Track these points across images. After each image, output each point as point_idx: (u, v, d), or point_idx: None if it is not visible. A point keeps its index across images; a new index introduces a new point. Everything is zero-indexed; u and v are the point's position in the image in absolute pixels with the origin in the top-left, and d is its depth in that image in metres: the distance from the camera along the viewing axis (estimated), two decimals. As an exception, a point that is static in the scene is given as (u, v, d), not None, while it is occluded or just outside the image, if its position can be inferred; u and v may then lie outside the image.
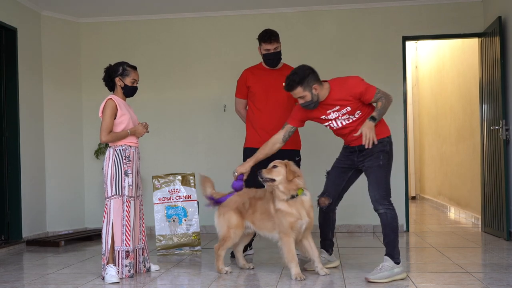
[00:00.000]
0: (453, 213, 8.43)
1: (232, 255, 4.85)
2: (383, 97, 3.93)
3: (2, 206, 5.98)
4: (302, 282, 3.87)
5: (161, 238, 5.26)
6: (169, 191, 5.36)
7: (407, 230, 6.49)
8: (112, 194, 4.10)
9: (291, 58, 6.54)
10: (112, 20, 6.96)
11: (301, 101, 4.02)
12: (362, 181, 4.24)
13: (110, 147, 4.19)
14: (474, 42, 6.82)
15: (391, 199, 3.99)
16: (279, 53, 5.02)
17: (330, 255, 4.38)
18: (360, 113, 4.00)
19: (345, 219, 6.41)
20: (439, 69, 9.46)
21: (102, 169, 4.19)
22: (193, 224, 5.32)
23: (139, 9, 6.68)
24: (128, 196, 4.13)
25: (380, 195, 3.95)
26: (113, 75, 4.27)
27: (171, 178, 5.40)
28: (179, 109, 6.87)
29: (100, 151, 6.79)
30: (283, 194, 3.97)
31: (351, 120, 4.01)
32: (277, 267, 4.48)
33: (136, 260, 4.26)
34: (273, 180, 3.97)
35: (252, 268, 4.38)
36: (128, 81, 4.28)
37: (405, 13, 6.56)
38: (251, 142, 4.97)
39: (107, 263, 4.06)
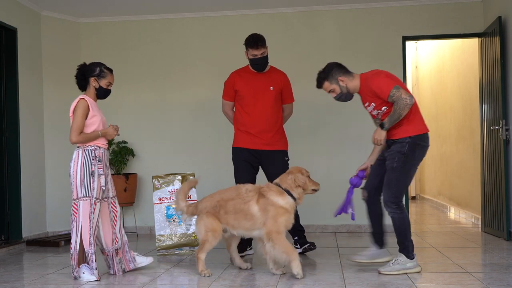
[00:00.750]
0: (453, 213, 8.43)
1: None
2: (396, 100, 3.88)
3: (2, 206, 5.98)
4: (303, 282, 3.86)
5: (161, 238, 5.26)
6: (169, 191, 5.36)
7: (407, 230, 6.48)
8: (82, 195, 4.04)
9: (291, 58, 6.57)
10: (112, 20, 6.96)
11: (333, 95, 4.19)
12: (362, 181, 4.28)
13: (78, 147, 4.12)
14: (474, 42, 6.82)
15: (401, 201, 3.99)
16: (266, 57, 5.01)
17: (380, 248, 4.29)
18: (387, 108, 4.01)
19: (345, 219, 6.40)
20: (439, 69, 9.46)
21: (69, 169, 4.11)
22: (193, 224, 5.32)
23: (139, 9, 6.68)
24: (96, 198, 4.07)
25: (388, 197, 3.99)
26: (88, 75, 4.20)
27: (171, 178, 5.41)
28: (179, 109, 6.87)
29: (100, 151, 6.78)
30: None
31: (381, 114, 4.07)
32: (277, 267, 4.47)
33: (113, 261, 4.26)
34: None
35: (250, 268, 4.38)
36: (103, 83, 4.23)
37: (405, 13, 6.56)
38: (239, 142, 5.07)
39: (79, 264, 4.06)
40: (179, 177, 5.41)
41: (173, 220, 5.31)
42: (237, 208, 4.11)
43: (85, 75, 4.21)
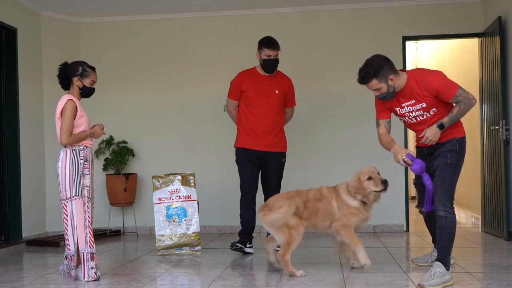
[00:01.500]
0: (453, 213, 8.42)
1: (234, 247, 5.04)
2: (463, 101, 3.69)
3: (2, 206, 5.98)
4: (303, 282, 3.86)
5: (161, 238, 5.26)
6: (169, 191, 5.36)
7: (407, 230, 6.49)
8: (73, 195, 4.04)
9: (291, 58, 6.57)
10: (112, 20, 6.96)
11: (376, 93, 3.86)
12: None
13: (66, 147, 4.10)
14: (474, 42, 6.82)
15: (453, 203, 3.78)
16: (278, 60, 5.23)
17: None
18: (436, 111, 3.80)
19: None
20: (439, 69, 9.42)
21: (57, 169, 4.10)
22: (193, 224, 5.32)
23: (139, 9, 6.68)
24: (87, 197, 4.08)
25: (444, 195, 3.73)
26: (71, 74, 4.19)
27: (171, 178, 5.40)
28: (179, 109, 6.87)
29: (100, 151, 6.79)
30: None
31: (425, 117, 3.84)
32: (277, 267, 4.48)
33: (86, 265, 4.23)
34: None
35: (279, 268, 4.26)
36: (87, 82, 4.21)
37: (405, 13, 6.56)
38: (242, 142, 5.21)
39: (78, 264, 4.06)
40: (179, 177, 5.40)
41: (173, 220, 5.31)
42: (322, 208, 4.17)
43: (68, 74, 4.20)
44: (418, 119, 3.87)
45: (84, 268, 4.02)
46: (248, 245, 5.13)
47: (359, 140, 6.53)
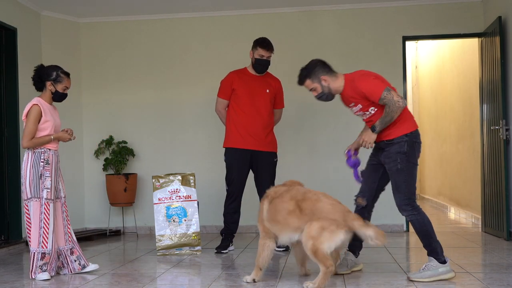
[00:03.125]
0: (453, 213, 8.42)
1: (218, 251, 5.17)
2: (388, 103, 3.74)
3: (2, 206, 5.98)
4: (303, 282, 3.86)
5: (161, 238, 5.26)
6: (169, 191, 5.36)
7: (407, 230, 6.49)
8: (31, 196, 4.16)
9: (291, 58, 6.57)
10: (112, 20, 6.96)
11: (314, 94, 4.05)
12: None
13: (28, 150, 4.21)
14: (474, 42, 6.82)
15: (415, 202, 3.85)
16: (270, 62, 5.29)
17: (356, 257, 4.20)
18: (376, 110, 3.88)
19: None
20: (439, 69, 9.45)
21: (21, 171, 4.26)
22: (193, 224, 5.32)
23: (139, 9, 6.68)
24: (46, 198, 4.16)
25: (401, 201, 3.85)
26: (44, 78, 4.26)
27: (171, 178, 5.40)
28: (179, 109, 6.87)
29: (100, 151, 6.79)
30: None
31: (368, 116, 3.95)
32: (277, 267, 4.48)
33: (67, 260, 4.33)
34: None
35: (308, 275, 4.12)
36: (60, 87, 4.28)
37: (405, 13, 6.56)
38: (233, 142, 5.24)
39: (33, 263, 4.16)
40: (179, 177, 5.40)
41: (173, 220, 5.31)
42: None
43: (41, 78, 4.27)
44: (366, 117, 3.99)
45: (32, 267, 4.13)
46: (230, 246, 5.32)
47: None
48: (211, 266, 4.60)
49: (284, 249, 5.23)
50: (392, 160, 3.87)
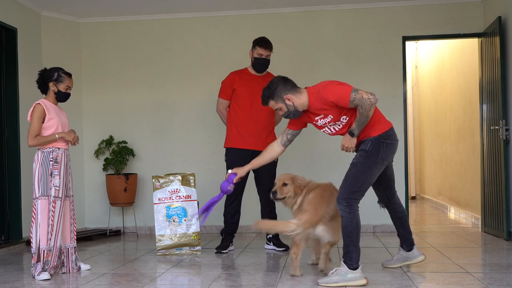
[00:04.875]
0: (453, 213, 8.43)
1: (218, 251, 5.18)
2: (359, 103, 3.63)
3: (2, 206, 5.98)
4: (303, 282, 3.86)
5: (161, 238, 5.26)
6: (169, 191, 5.36)
7: (407, 230, 6.48)
8: (39, 195, 4.23)
9: (291, 58, 6.58)
10: (112, 20, 6.96)
11: (280, 113, 3.98)
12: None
13: (38, 149, 4.33)
14: (474, 42, 6.83)
15: (353, 200, 3.73)
16: (269, 61, 5.29)
17: (407, 251, 4.19)
18: (347, 118, 3.81)
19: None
20: (439, 69, 9.46)
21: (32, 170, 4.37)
22: (193, 224, 5.32)
23: (139, 9, 6.68)
24: (54, 196, 4.24)
25: (341, 193, 3.76)
26: (47, 80, 4.40)
27: (171, 178, 5.40)
28: (179, 108, 6.87)
29: (100, 151, 6.79)
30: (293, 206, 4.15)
31: (341, 126, 3.86)
32: (277, 267, 4.48)
33: (68, 259, 4.40)
34: (284, 198, 4.14)
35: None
36: (62, 87, 4.40)
37: (405, 13, 6.56)
38: (233, 142, 5.25)
39: (37, 262, 4.21)
40: (179, 177, 5.41)
41: (173, 220, 5.31)
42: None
43: (45, 80, 4.41)
44: (337, 129, 3.91)
45: (37, 266, 4.17)
46: (230, 246, 5.31)
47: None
48: (211, 266, 4.61)
49: (284, 249, 5.23)
50: (355, 156, 3.85)
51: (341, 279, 3.67)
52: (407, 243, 4.21)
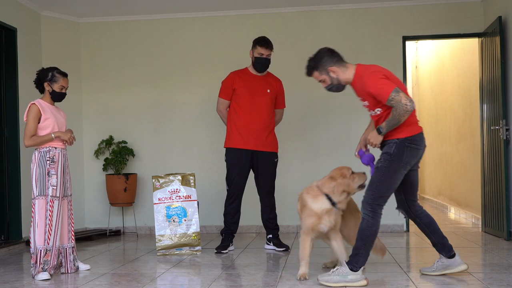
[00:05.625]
0: (453, 213, 8.42)
1: (218, 251, 5.16)
2: (396, 106, 3.53)
3: (2, 206, 5.98)
4: (303, 282, 3.86)
5: (161, 238, 5.26)
6: (169, 191, 5.36)
7: (407, 230, 6.49)
8: (37, 194, 4.24)
9: (291, 58, 6.57)
10: (112, 20, 6.96)
11: (323, 85, 3.87)
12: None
13: (35, 149, 4.34)
14: (474, 42, 6.82)
15: (378, 206, 3.67)
16: (270, 60, 5.28)
17: (449, 258, 3.96)
18: (381, 110, 3.70)
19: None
20: (439, 69, 9.45)
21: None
22: (193, 224, 5.32)
23: (139, 9, 6.68)
24: (52, 196, 4.25)
25: (366, 197, 3.70)
26: (42, 80, 4.40)
27: (171, 178, 5.40)
28: (179, 108, 6.87)
29: (100, 151, 6.79)
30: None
31: (374, 114, 3.78)
32: (277, 267, 4.48)
33: (66, 259, 4.39)
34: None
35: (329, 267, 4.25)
36: (56, 87, 4.40)
37: (405, 13, 6.56)
38: (233, 142, 5.25)
39: (36, 262, 4.21)
40: (179, 177, 5.40)
41: (173, 220, 5.31)
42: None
43: (40, 80, 4.42)
44: (372, 114, 3.82)
45: (37, 265, 4.18)
46: (230, 246, 5.31)
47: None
48: (211, 266, 4.61)
49: (284, 249, 5.23)
50: (380, 158, 3.76)
51: (342, 279, 3.65)
52: (445, 249, 3.98)
